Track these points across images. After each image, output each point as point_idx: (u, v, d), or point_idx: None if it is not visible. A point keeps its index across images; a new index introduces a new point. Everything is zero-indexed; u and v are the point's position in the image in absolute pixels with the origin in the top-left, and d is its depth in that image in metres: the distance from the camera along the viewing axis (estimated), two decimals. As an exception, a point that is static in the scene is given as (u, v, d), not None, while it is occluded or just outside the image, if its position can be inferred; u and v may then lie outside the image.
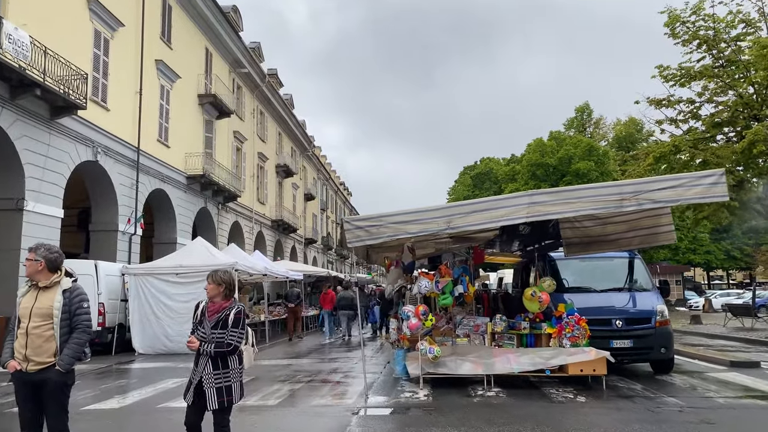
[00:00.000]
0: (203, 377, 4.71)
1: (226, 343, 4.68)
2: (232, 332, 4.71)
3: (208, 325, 4.77)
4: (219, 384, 4.69)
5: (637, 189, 8.54)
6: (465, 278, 10.08)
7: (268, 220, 37.01)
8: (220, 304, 4.84)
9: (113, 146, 20.08)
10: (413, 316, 9.25)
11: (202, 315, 4.88)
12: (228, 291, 4.89)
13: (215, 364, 4.73)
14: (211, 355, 4.70)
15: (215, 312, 4.81)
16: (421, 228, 8.76)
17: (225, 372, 4.74)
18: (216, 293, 4.86)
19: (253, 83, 34.10)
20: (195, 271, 15.87)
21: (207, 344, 4.71)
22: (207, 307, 4.91)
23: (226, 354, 4.72)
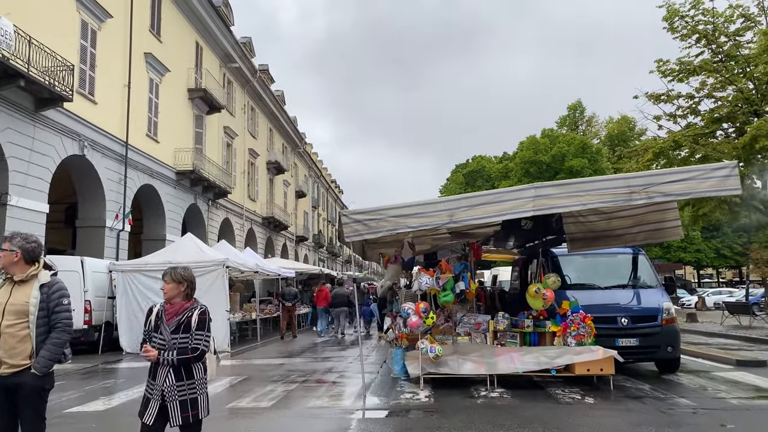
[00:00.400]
0: (165, 390, 4.07)
1: (192, 349, 4.06)
2: (198, 335, 4.10)
3: (167, 329, 4.14)
4: (183, 396, 4.08)
5: (646, 182, 8.21)
6: (467, 275, 9.70)
7: (259, 217, 36.52)
8: (181, 305, 4.22)
9: (101, 140, 19.55)
10: (413, 314, 8.87)
11: (158, 320, 4.23)
12: (190, 290, 4.33)
13: (178, 374, 4.09)
14: (174, 364, 4.06)
15: (175, 314, 4.19)
16: (422, 222, 8.38)
17: (190, 383, 4.12)
18: (176, 293, 4.24)
19: (244, 78, 33.59)
20: (185, 267, 15.41)
21: (168, 352, 4.07)
22: (164, 310, 4.25)
23: (190, 362, 4.11)
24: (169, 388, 4.07)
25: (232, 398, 8.69)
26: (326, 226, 62.56)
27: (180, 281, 4.27)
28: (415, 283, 9.21)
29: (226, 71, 31.31)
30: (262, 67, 37.36)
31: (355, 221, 8.43)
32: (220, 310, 15.25)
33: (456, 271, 9.56)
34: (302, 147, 48.88)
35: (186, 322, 4.14)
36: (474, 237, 12.62)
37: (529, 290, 9.34)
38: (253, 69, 34.12)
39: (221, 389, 9.52)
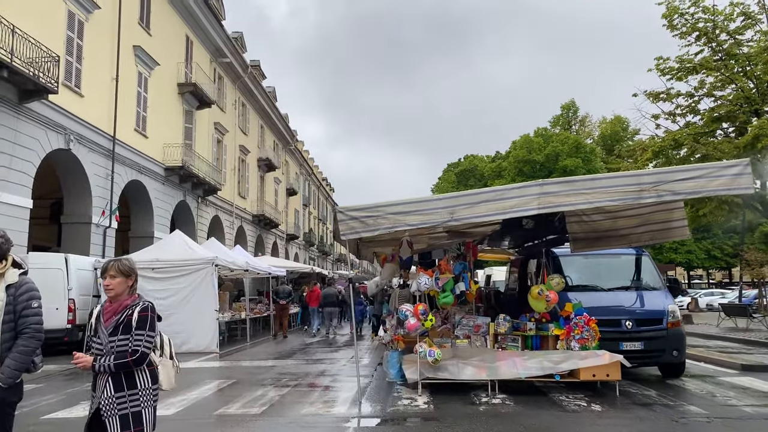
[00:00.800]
0: (101, 403, 3.44)
1: (130, 351, 3.43)
2: (138, 335, 3.45)
3: (105, 332, 3.51)
4: (123, 410, 3.44)
5: (657, 179, 7.86)
6: (467, 275, 9.31)
7: (249, 215, 35.99)
8: (120, 303, 3.56)
9: (87, 134, 19.00)
10: (412, 316, 8.46)
11: (97, 321, 3.61)
12: (136, 284, 3.73)
13: (117, 383, 3.46)
14: (111, 371, 3.43)
15: (113, 313, 3.54)
16: (422, 219, 7.99)
17: (132, 394, 3.48)
18: (123, 288, 3.59)
19: (235, 74, 33.05)
20: (173, 265, 14.97)
21: (105, 357, 3.45)
22: (103, 310, 3.62)
23: (131, 367, 3.46)
24: (106, 401, 3.44)
25: (220, 404, 8.25)
26: (317, 225, 62.07)
27: (128, 274, 3.63)
28: (413, 283, 8.80)
29: (216, 66, 30.77)
30: (253, 62, 36.79)
31: (352, 218, 8.01)
32: (209, 310, 14.84)
33: (456, 272, 9.16)
34: (293, 144, 48.36)
35: (126, 321, 3.48)
36: (471, 236, 12.23)
37: (532, 292, 8.96)
38: (245, 64, 33.59)
39: (209, 393, 9.08)
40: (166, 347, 3.86)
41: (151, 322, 3.57)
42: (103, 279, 3.62)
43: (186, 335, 14.77)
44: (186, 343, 14.77)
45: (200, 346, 14.74)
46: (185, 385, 9.66)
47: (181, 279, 14.89)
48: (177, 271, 14.93)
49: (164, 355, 3.80)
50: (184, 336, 14.77)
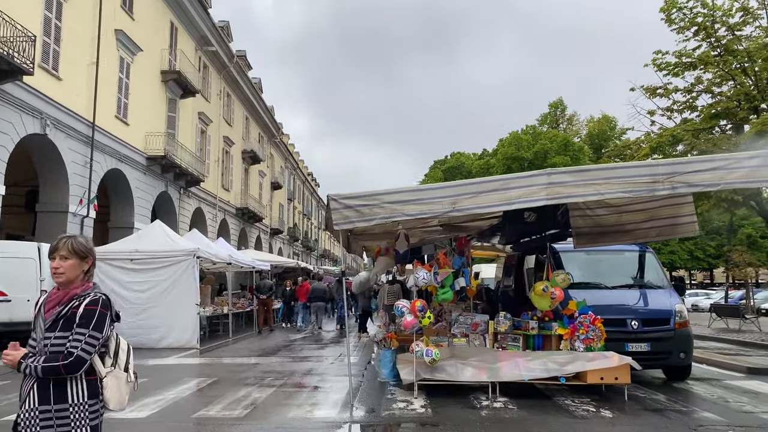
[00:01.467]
0: (21, 416, 2.69)
1: (64, 354, 2.66)
2: (77, 335, 2.68)
3: (42, 325, 2.79)
4: (47, 429, 2.66)
5: (671, 170, 7.33)
6: (468, 270, 8.73)
7: (233, 208, 35.18)
8: (67, 292, 2.81)
9: (65, 119, 18.17)
10: (408, 313, 7.86)
11: (38, 312, 2.89)
12: (93, 269, 2.96)
13: (43, 393, 2.68)
14: (38, 377, 2.67)
15: (57, 303, 2.79)
16: (421, 209, 7.38)
17: (60, 410, 2.67)
18: (76, 273, 2.84)
19: (221, 63, 32.20)
20: (152, 256, 14.24)
21: (35, 357, 2.71)
22: (47, 299, 2.87)
23: (62, 375, 2.67)
24: (27, 414, 2.66)
25: (199, 405, 7.59)
26: (302, 220, 61.25)
27: (84, 255, 2.87)
28: (410, 278, 8.20)
29: (201, 55, 29.92)
30: (239, 52, 35.97)
31: (346, 207, 7.40)
32: (190, 304, 14.14)
33: (454, 266, 8.57)
34: (279, 137, 47.51)
35: (69, 315, 2.73)
36: (467, 230, 11.71)
37: (536, 288, 8.41)
38: (231, 54, 32.74)
39: (188, 393, 8.41)
40: (122, 355, 3.00)
41: (99, 320, 2.76)
42: (51, 260, 2.85)
43: (165, 330, 14.07)
44: (165, 337, 14.07)
45: (180, 342, 14.03)
46: (162, 383, 8.99)
47: (161, 271, 14.17)
48: (157, 262, 14.21)
49: (117, 364, 2.94)
50: (163, 330, 14.08)
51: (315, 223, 72.01)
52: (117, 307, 2.95)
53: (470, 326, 8.84)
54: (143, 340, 14.05)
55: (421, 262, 9.43)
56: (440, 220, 11.38)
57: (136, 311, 14.06)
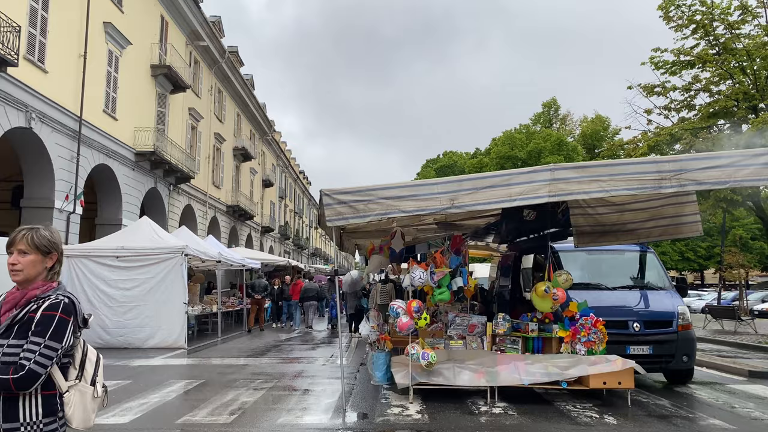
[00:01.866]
0: None
1: (17, 365, 2.28)
2: (32, 344, 2.31)
3: None
4: None
5: (678, 167, 7.04)
6: (465, 269, 8.41)
7: (224, 205, 34.72)
8: (26, 292, 2.45)
9: (51, 113, 17.71)
10: (404, 314, 7.53)
11: None
12: (59, 266, 2.58)
13: None
14: None
15: (13, 305, 2.43)
16: (418, 206, 7.05)
17: (9, 429, 2.32)
18: (37, 271, 2.48)
19: (212, 59, 31.74)
20: (139, 254, 13.83)
21: None
22: (4, 300, 2.49)
23: (14, 390, 2.29)
24: None
25: (184, 410, 7.23)
26: (293, 218, 60.78)
27: (48, 250, 2.51)
28: (406, 277, 7.86)
29: (192, 49, 29.46)
30: (231, 48, 35.47)
31: (340, 203, 7.05)
32: (178, 302, 13.74)
33: (451, 265, 8.25)
34: (270, 134, 47.04)
35: (26, 320, 2.36)
36: (463, 229, 11.41)
37: (537, 289, 8.09)
38: (222, 49, 32.27)
39: (173, 396, 8.04)
40: (89, 366, 2.59)
41: (58, 328, 2.36)
42: (8, 255, 2.49)
43: (152, 329, 13.67)
44: (152, 337, 13.67)
45: (167, 341, 13.64)
46: (147, 386, 8.62)
47: (148, 268, 13.77)
48: (144, 259, 13.81)
49: (83, 377, 2.55)
50: (149, 330, 13.68)
51: (306, 221, 71.56)
52: (101, 306, 2.56)
53: (467, 328, 8.52)
54: (129, 339, 13.66)
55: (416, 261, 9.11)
56: (436, 218, 11.08)
57: (122, 310, 13.66)
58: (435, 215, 8.42)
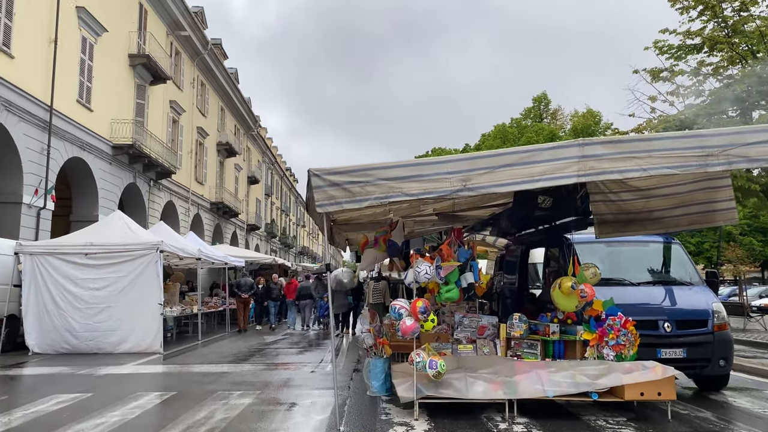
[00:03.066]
0: None
1: None
2: None
3: None
4: None
5: (726, 141, 5.98)
6: (476, 263, 7.27)
7: (207, 202, 33.40)
8: None
9: (17, 101, 16.40)
10: (407, 315, 6.39)
11: None
12: None
13: None
14: None
15: None
16: (425, 188, 5.93)
17: None
18: None
19: (194, 50, 30.40)
20: (110, 250, 12.59)
21: None
22: None
23: None
24: None
25: (153, 427, 6.06)
26: (279, 216, 59.41)
27: None
28: (409, 273, 6.70)
29: (173, 40, 28.11)
30: (214, 41, 34.06)
31: (332, 185, 5.91)
32: (153, 303, 12.52)
33: (460, 259, 7.11)
34: (256, 130, 45.68)
35: None
36: (464, 221, 10.33)
37: (563, 285, 6.97)
38: (205, 40, 30.94)
39: (137, 413, 6.84)
40: None
41: None
42: None
43: (123, 333, 12.44)
44: (124, 341, 12.44)
45: (141, 346, 12.42)
46: (108, 400, 7.42)
47: (119, 266, 12.52)
48: (115, 257, 12.57)
49: None
50: (121, 333, 12.45)
51: (293, 219, 70.18)
52: (68, 307, 1.53)
53: (476, 330, 7.40)
54: (100, 344, 12.43)
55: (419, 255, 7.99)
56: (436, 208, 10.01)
57: (91, 312, 12.42)
58: (441, 201, 7.31)
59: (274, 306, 19.45)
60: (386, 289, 14.72)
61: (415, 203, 8.08)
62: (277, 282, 19.87)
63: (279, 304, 19.74)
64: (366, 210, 7.40)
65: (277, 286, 19.65)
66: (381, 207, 7.51)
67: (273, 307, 19.40)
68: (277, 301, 19.56)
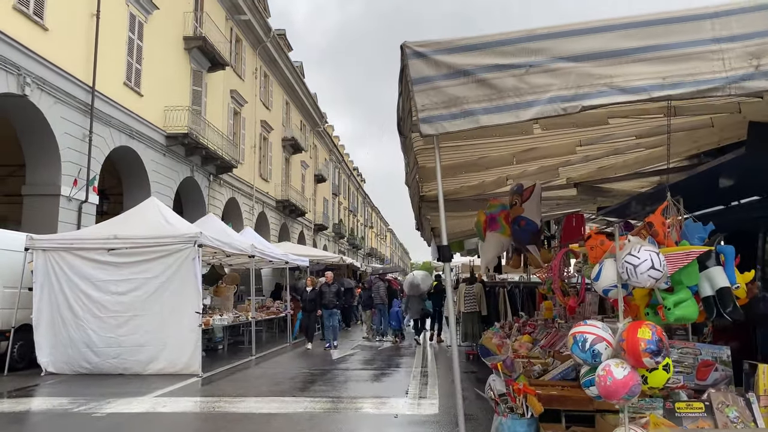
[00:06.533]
0: None
1: None
2: None
3: None
4: None
5: None
6: (731, 251, 3.70)
7: (273, 200, 30.83)
8: None
9: (53, 79, 14.01)
10: (617, 359, 2.97)
11: None
12: None
13: None
14: None
15: None
16: (665, 72, 2.55)
17: None
18: None
19: (256, 37, 27.86)
20: (137, 245, 9.77)
21: None
22: None
23: None
24: None
25: None
26: (347, 216, 56.73)
27: None
28: (608, 268, 3.27)
29: (233, 25, 25.61)
30: (278, 31, 31.50)
31: (454, 73, 2.62)
32: (189, 311, 9.59)
33: (692, 239, 3.59)
34: (322, 126, 43.04)
35: None
36: (610, 196, 6.97)
37: None
38: (267, 27, 28.37)
39: None
40: None
41: None
42: None
43: (154, 349, 9.58)
44: (154, 360, 9.58)
45: (175, 366, 9.52)
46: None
47: (148, 265, 9.69)
48: (143, 253, 9.74)
49: None
50: (151, 350, 9.59)
51: (361, 219, 67.45)
52: (87, 315, 0.44)
53: (695, 371, 3.94)
54: (126, 362, 9.62)
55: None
56: (570, 179, 6.69)
57: (114, 322, 9.62)
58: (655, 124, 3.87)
59: (329, 316, 13.83)
60: (481, 294, 11.23)
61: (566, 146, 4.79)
62: (331, 283, 14.30)
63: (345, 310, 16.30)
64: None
65: (331, 289, 14.09)
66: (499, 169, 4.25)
67: (328, 317, 13.82)
68: (330, 309, 13.85)
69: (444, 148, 4.40)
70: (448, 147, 4.60)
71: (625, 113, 4.24)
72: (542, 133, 4.70)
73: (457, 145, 4.74)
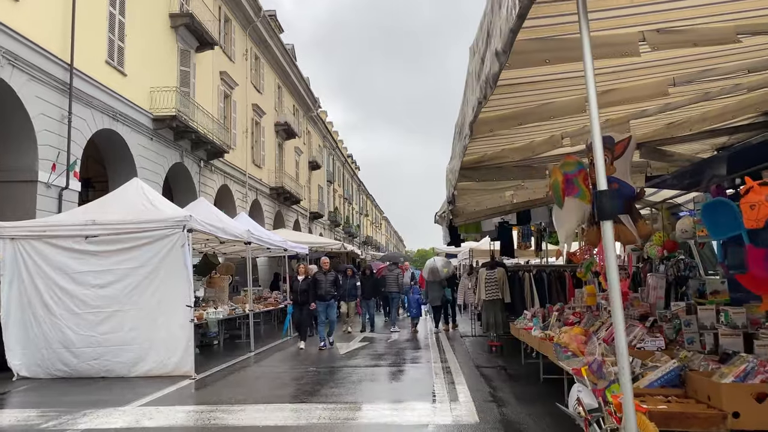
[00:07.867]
0: None
1: None
2: None
3: None
4: None
5: None
6: None
7: (266, 187, 29.56)
8: None
9: (25, 54, 12.69)
10: None
11: None
12: None
13: None
14: None
15: None
16: None
17: None
18: None
19: (246, 18, 26.47)
20: (118, 231, 8.56)
21: None
22: None
23: None
24: None
25: None
26: (342, 204, 55.45)
27: None
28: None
29: (222, 4, 24.22)
30: (269, 12, 30.06)
31: None
32: (179, 305, 8.40)
33: None
34: (316, 111, 41.66)
35: None
36: (675, 160, 5.91)
37: None
38: (257, 6, 26.96)
39: None
40: None
41: None
42: None
43: (141, 348, 8.40)
44: (141, 361, 8.40)
45: (165, 367, 8.35)
46: None
47: (131, 253, 8.49)
48: (126, 240, 8.53)
49: None
50: (136, 350, 8.41)
51: (356, 208, 66.20)
52: (63, 311, 0.37)
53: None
54: (109, 364, 8.43)
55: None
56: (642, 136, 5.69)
57: (94, 319, 8.43)
58: None
59: (325, 309, 11.87)
60: (504, 280, 10.05)
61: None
62: (327, 271, 12.16)
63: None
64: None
65: (328, 278, 11.99)
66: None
67: (323, 310, 11.85)
68: (327, 300, 11.86)
69: (501, 87, 3.27)
70: (505, 86, 3.45)
71: (758, 27, 3.10)
72: (631, 66, 3.56)
73: (518, 83, 3.59)
